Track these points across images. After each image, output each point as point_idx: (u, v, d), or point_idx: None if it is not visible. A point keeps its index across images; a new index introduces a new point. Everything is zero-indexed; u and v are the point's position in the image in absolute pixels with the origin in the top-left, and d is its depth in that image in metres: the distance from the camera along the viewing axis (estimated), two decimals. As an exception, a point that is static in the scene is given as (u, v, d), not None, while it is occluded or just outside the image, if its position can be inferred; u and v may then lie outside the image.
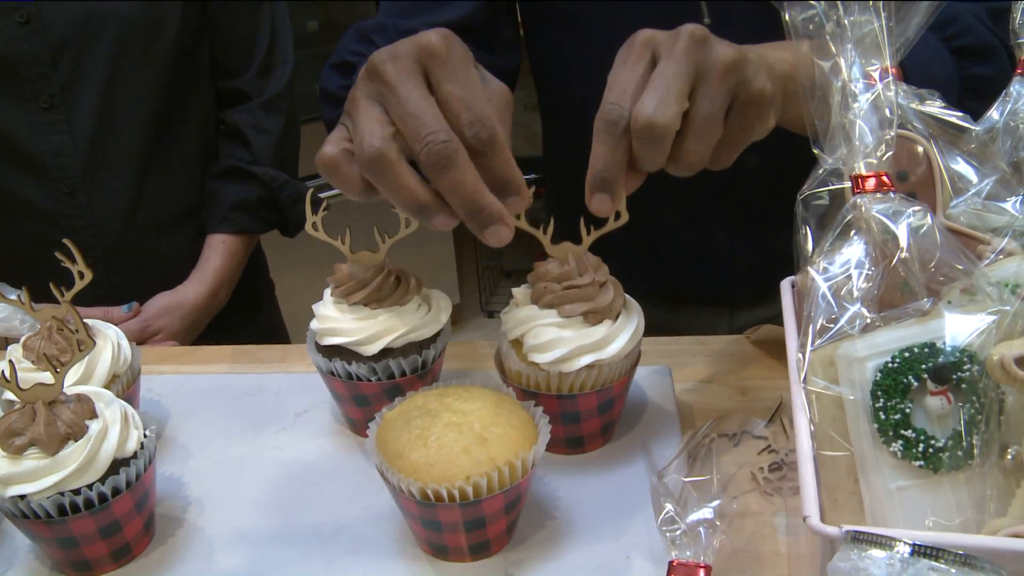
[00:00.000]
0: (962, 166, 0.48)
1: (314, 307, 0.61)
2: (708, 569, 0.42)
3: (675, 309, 0.89)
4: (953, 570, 0.30)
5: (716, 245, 0.85)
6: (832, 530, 0.34)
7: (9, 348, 0.61)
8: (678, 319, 0.89)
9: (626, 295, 0.58)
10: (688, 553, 0.42)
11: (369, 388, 0.59)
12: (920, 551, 0.30)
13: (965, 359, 0.39)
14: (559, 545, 0.52)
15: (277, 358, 0.76)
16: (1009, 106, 0.49)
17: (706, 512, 0.43)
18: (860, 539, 0.31)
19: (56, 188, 0.91)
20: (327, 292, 0.61)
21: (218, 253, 0.99)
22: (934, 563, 0.30)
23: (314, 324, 0.60)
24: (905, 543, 0.31)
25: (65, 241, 0.58)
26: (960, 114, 0.49)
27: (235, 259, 1.00)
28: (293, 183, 1.04)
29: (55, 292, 0.58)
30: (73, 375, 0.58)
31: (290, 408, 0.67)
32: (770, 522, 0.55)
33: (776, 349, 0.75)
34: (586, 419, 0.57)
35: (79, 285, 0.58)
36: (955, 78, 0.65)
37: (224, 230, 1.00)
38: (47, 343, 0.58)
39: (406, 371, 0.58)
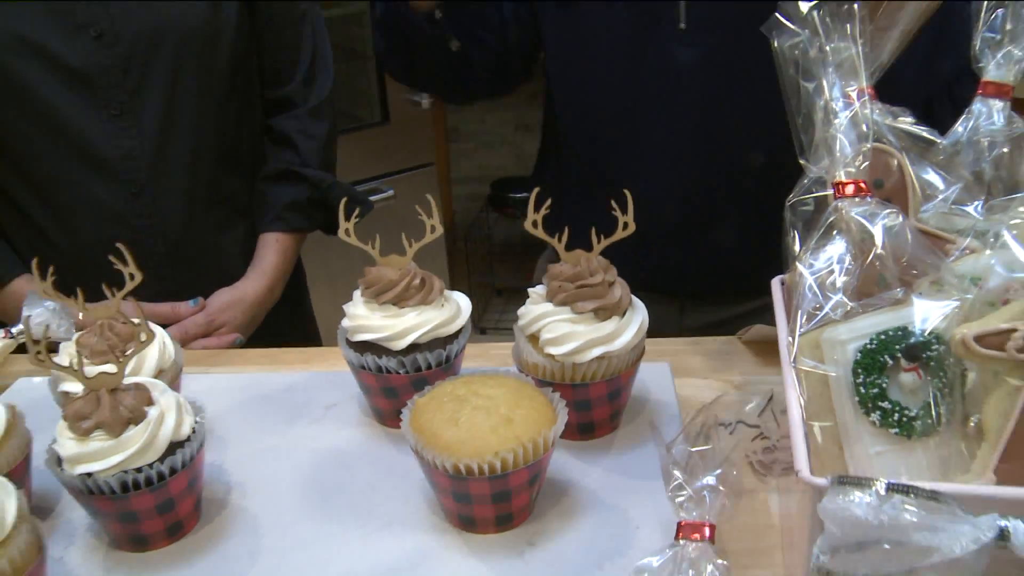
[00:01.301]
0: (931, 175, 0.55)
1: (345, 307, 0.67)
2: (712, 527, 0.48)
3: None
4: (920, 504, 0.36)
5: (677, 242, 0.92)
6: (820, 480, 0.40)
7: (62, 345, 0.67)
8: None
9: (632, 296, 0.65)
10: (694, 514, 0.48)
11: (398, 380, 0.65)
12: (894, 488, 0.37)
13: (933, 340, 0.46)
14: (575, 519, 0.58)
15: (301, 360, 0.82)
16: (971, 123, 0.56)
17: (710, 479, 0.49)
18: (844, 482, 0.38)
19: (124, 189, 0.98)
20: (357, 293, 0.67)
21: (273, 250, 1.05)
22: (905, 498, 0.36)
23: (345, 322, 0.66)
24: (881, 482, 0.37)
25: (119, 244, 0.64)
26: (928, 129, 0.56)
27: (288, 256, 1.07)
28: (340, 184, 1.11)
29: (107, 292, 0.64)
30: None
31: (319, 403, 0.73)
32: (763, 498, 0.61)
33: (765, 348, 0.82)
34: (596, 407, 0.64)
35: (129, 286, 0.64)
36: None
37: (278, 228, 1.06)
38: (100, 340, 0.64)
39: (432, 364, 0.65)
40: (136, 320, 0.59)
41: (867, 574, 0.38)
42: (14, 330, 0.83)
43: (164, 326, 0.78)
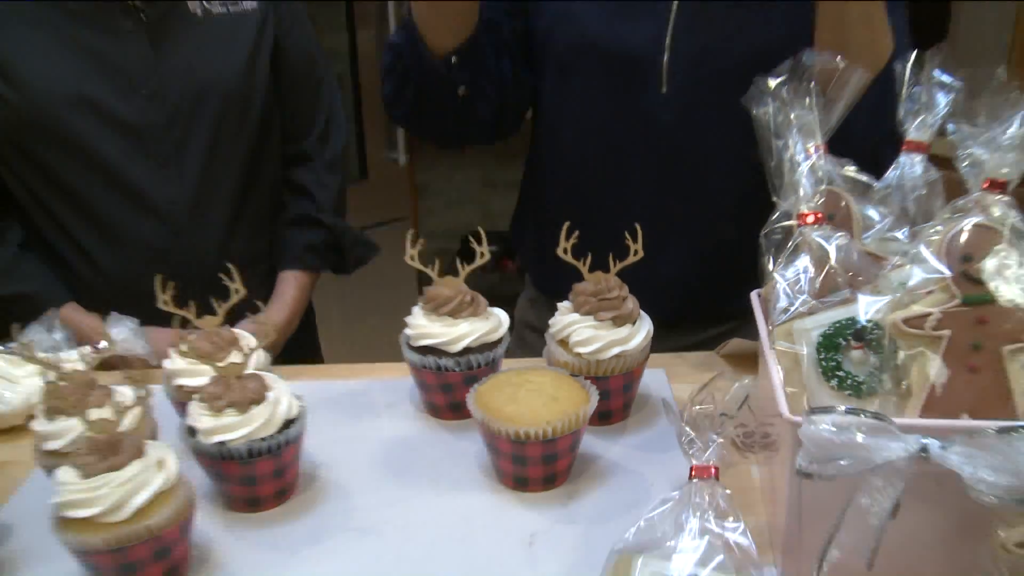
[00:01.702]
0: (870, 210, 0.74)
1: (408, 320, 0.83)
2: (717, 469, 0.64)
3: None
4: (867, 423, 0.53)
5: (654, 278, 1.00)
6: (797, 417, 0.57)
7: (172, 352, 0.81)
8: None
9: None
10: (703, 458, 0.64)
11: (453, 377, 0.81)
12: (849, 411, 0.54)
13: (873, 326, 0.64)
14: (602, 480, 0.74)
15: (347, 373, 0.97)
16: (899, 171, 0.75)
17: (713, 435, 0.66)
18: (815, 411, 0.55)
19: (167, 230, 1.13)
20: (416, 308, 0.83)
21: (292, 286, 1.21)
22: (856, 418, 0.53)
23: (408, 331, 0.82)
24: (841, 407, 0.54)
25: (229, 265, 0.79)
26: (868, 176, 0.75)
27: (305, 292, 1.23)
28: (352, 230, 1.28)
29: (216, 306, 0.79)
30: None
31: (379, 403, 0.88)
32: (746, 469, 0.78)
33: (739, 360, 0.99)
34: (614, 397, 0.80)
35: (234, 298, 0.79)
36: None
37: (297, 267, 1.22)
38: (208, 344, 0.78)
39: (481, 364, 0.81)
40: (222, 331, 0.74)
41: (833, 474, 0.55)
42: (100, 346, 0.97)
43: None
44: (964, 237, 0.63)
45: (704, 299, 1.08)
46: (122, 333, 0.96)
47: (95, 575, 0.62)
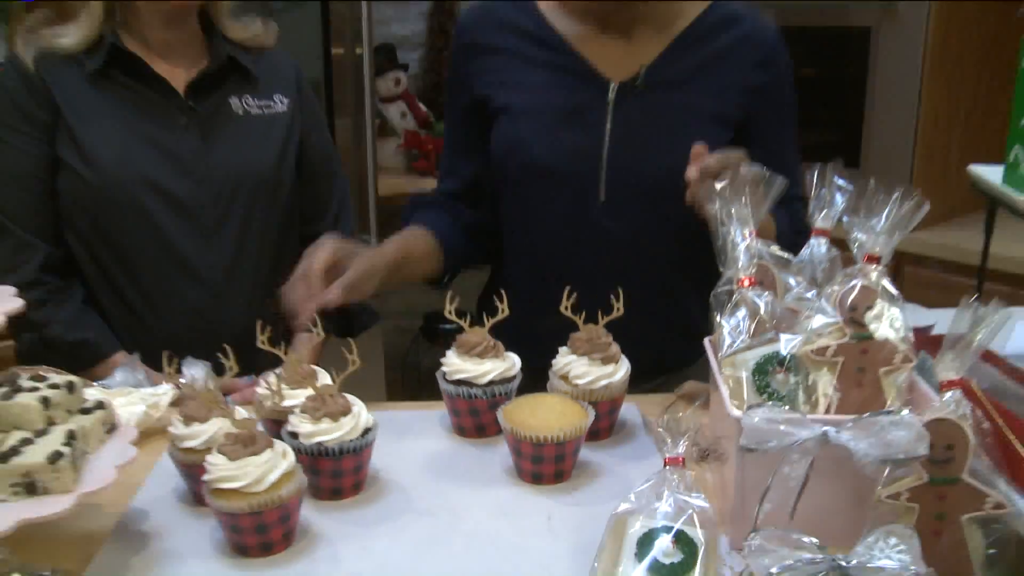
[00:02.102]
0: (790, 279, 1.03)
1: (443, 360, 1.09)
2: (684, 459, 0.90)
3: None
4: (785, 415, 0.81)
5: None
6: (738, 412, 0.84)
7: (266, 376, 1.05)
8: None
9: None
10: (674, 452, 0.91)
11: (480, 404, 1.06)
12: (774, 407, 0.81)
13: (791, 356, 0.92)
14: (597, 477, 1.00)
15: (378, 407, 1.22)
16: (809, 251, 1.05)
17: (683, 439, 0.92)
18: (751, 408, 0.82)
19: (206, 292, 1.36)
20: (451, 351, 1.09)
21: (305, 347, 1.42)
22: (779, 412, 0.81)
23: (445, 368, 1.08)
24: (767, 404, 0.81)
25: (326, 310, 1.04)
26: (788, 254, 1.04)
27: (316, 352, 1.43)
28: (360, 301, 1.53)
29: (282, 354, 1.04)
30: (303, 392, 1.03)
31: (415, 426, 1.13)
32: (702, 475, 1.04)
33: (692, 399, 1.26)
34: (601, 418, 1.07)
35: (315, 340, 1.04)
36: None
37: (309, 331, 1.46)
38: (297, 373, 1.03)
39: (502, 393, 1.07)
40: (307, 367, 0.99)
41: (764, 450, 0.82)
42: (182, 381, 1.20)
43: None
44: (851, 295, 0.92)
45: (656, 356, 1.29)
46: (199, 373, 1.19)
47: (237, 533, 0.85)
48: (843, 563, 0.70)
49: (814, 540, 0.72)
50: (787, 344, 0.93)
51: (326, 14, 3.15)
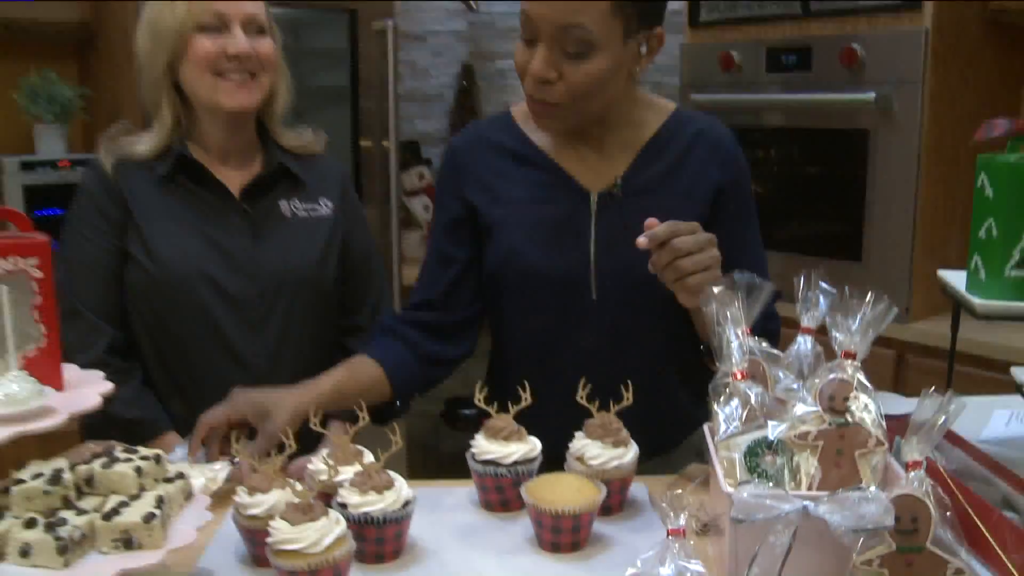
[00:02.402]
0: (779, 372, 1.18)
1: (472, 443, 1.23)
2: (685, 531, 1.04)
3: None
4: (770, 490, 0.94)
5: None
6: (730, 489, 0.98)
7: (317, 454, 1.20)
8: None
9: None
10: (676, 524, 1.04)
11: (506, 481, 1.20)
12: (759, 484, 0.95)
13: (778, 441, 1.06)
14: (610, 547, 1.13)
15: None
16: (796, 347, 1.20)
17: (683, 511, 1.06)
18: (741, 484, 0.96)
19: (250, 377, 1.49)
20: (479, 435, 1.24)
21: (338, 432, 1.57)
22: (765, 489, 0.94)
23: (474, 450, 1.23)
24: (755, 482, 0.95)
25: (362, 403, 1.20)
26: (777, 351, 1.19)
27: (349, 435, 1.59)
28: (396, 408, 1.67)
29: (331, 435, 1.19)
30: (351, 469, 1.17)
31: (446, 501, 1.27)
32: (704, 546, 1.18)
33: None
34: (612, 495, 1.21)
35: (361, 424, 1.19)
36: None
37: (345, 418, 1.60)
38: (344, 453, 1.18)
39: (525, 472, 1.21)
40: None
41: (752, 521, 0.95)
42: (235, 461, 1.34)
43: None
44: (830, 388, 1.07)
45: (645, 439, 1.34)
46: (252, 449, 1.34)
47: (296, 589, 0.99)
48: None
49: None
50: (774, 430, 1.07)
51: (356, 111, 3.39)
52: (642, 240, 1.23)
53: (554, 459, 1.26)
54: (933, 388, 0.98)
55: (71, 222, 1.54)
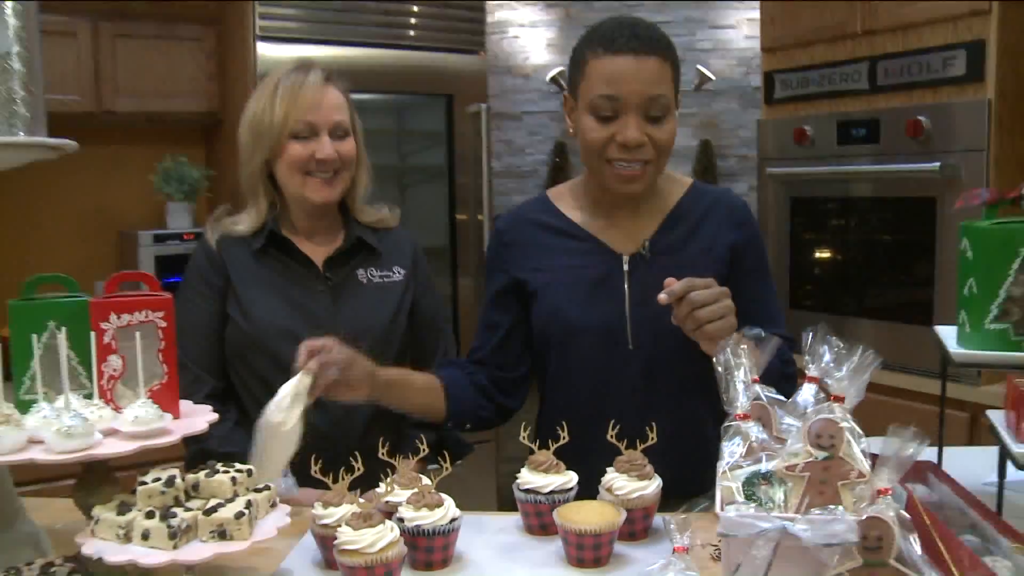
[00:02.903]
0: (785, 416, 1.34)
1: (518, 476, 1.44)
2: (687, 548, 1.21)
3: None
4: (753, 513, 1.11)
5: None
6: (720, 510, 1.15)
7: (386, 485, 1.43)
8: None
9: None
10: (681, 542, 1.21)
11: (544, 508, 1.40)
12: (743, 505, 1.12)
13: (772, 471, 1.23)
14: (626, 565, 1.32)
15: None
16: (800, 394, 1.36)
17: (688, 532, 1.23)
18: (727, 506, 1.13)
19: (329, 419, 1.69)
20: (524, 469, 1.45)
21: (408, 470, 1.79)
22: (748, 509, 1.12)
23: (519, 481, 1.43)
24: (742, 503, 1.12)
25: (420, 441, 1.43)
26: (782, 397, 1.36)
27: (421, 466, 1.78)
28: (455, 435, 1.88)
29: (397, 463, 1.42)
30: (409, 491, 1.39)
31: (492, 527, 1.48)
32: (717, 572, 1.34)
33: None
34: (637, 522, 1.39)
35: (417, 465, 1.42)
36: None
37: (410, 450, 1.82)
38: (403, 479, 1.40)
39: (560, 500, 1.41)
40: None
41: (739, 536, 1.13)
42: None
43: None
44: (817, 426, 1.24)
45: (679, 479, 1.49)
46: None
47: (355, 583, 1.22)
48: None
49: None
50: (768, 463, 1.24)
51: (452, 186, 3.70)
52: (662, 297, 1.43)
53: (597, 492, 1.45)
54: (898, 426, 1.14)
55: (182, 288, 1.85)
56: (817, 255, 3.24)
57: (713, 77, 3.92)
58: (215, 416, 1.35)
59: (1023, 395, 1.23)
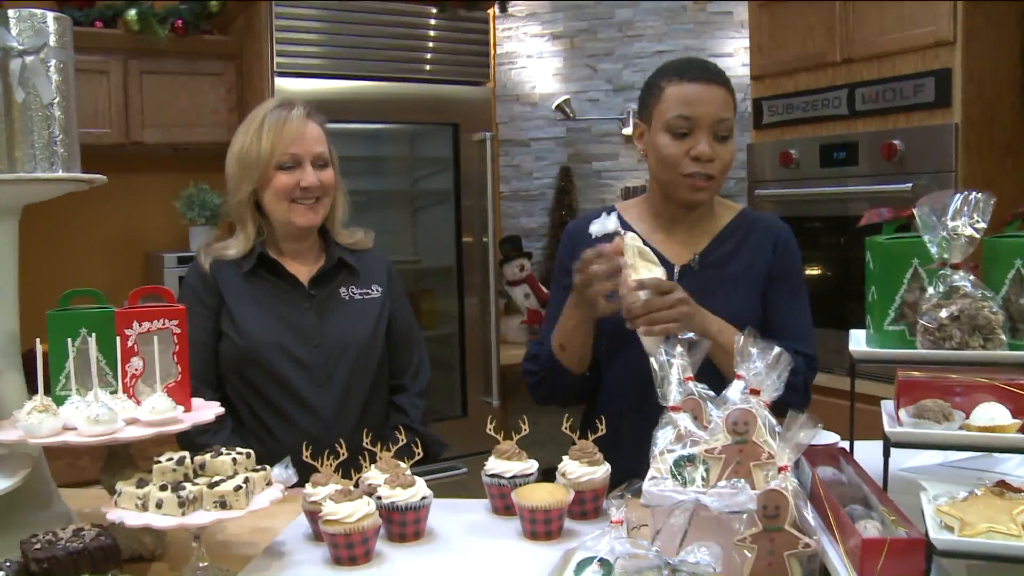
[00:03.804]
0: (714, 409, 1.56)
1: (486, 463, 1.66)
2: (622, 521, 1.42)
3: None
4: (673, 487, 1.33)
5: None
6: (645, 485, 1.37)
7: (369, 474, 1.66)
8: None
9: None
10: (617, 515, 1.43)
11: (507, 490, 1.61)
12: (662, 481, 1.34)
13: (695, 455, 1.44)
14: (575, 536, 1.53)
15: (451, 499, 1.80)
16: (731, 389, 1.57)
17: (624, 507, 1.44)
18: (649, 480, 1.35)
19: (320, 424, 1.95)
20: (491, 457, 1.67)
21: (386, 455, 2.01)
22: (667, 483, 1.33)
23: (487, 468, 1.66)
24: (666, 480, 1.34)
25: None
26: (711, 392, 1.57)
27: (390, 453, 1.98)
28: (432, 435, 2.10)
29: (380, 453, 1.65)
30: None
31: (464, 509, 1.70)
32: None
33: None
34: (586, 503, 1.60)
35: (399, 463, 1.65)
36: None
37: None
38: (387, 464, 1.63)
39: (520, 483, 1.63)
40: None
41: (662, 505, 1.34)
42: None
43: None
44: (734, 415, 1.45)
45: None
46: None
47: (335, 548, 1.43)
48: (669, 561, 1.22)
49: (655, 548, 1.24)
50: (692, 448, 1.46)
51: (459, 210, 3.95)
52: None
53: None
54: (795, 413, 1.35)
55: None
56: (807, 272, 3.44)
57: (710, 103, 4.15)
58: (222, 410, 1.59)
59: (905, 384, 1.43)
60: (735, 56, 4.25)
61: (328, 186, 2.05)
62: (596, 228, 1.72)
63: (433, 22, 3.81)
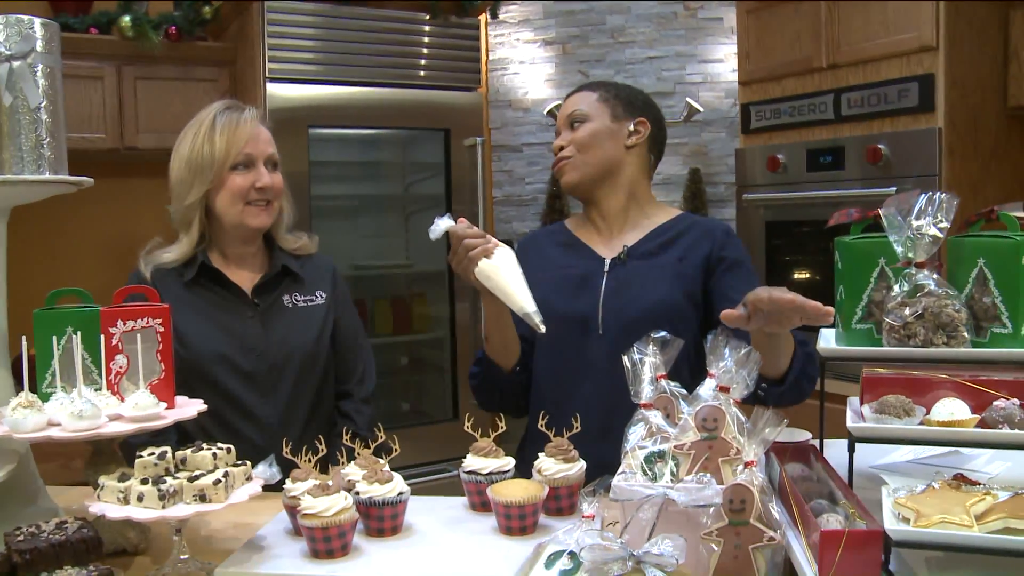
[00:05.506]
0: (685, 406, 1.59)
1: (464, 461, 1.70)
2: (592, 516, 1.46)
3: None
4: (643, 482, 1.36)
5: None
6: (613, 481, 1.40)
7: (348, 469, 1.69)
8: None
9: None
10: (590, 510, 1.46)
11: (483, 487, 1.65)
12: (631, 475, 1.37)
13: (665, 451, 1.48)
14: (550, 531, 1.56)
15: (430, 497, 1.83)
16: (703, 387, 1.61)
17: (596, 502, 1.48)
18: (618, 475, 1.38)
19: (265, 434, 1.97)
20: (469, 454, 1.71)
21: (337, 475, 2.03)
22: (637, 478, 1.36)
23: (464, 465, 1.69)
24: (636, 475, 1.37)
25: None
26: (683, 391, 1.61)
27: (369, 450, 2.03)
28: (383, 442, 2.14)
29: (359, 449, 1.69)
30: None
31: (442, 505, 1.73)
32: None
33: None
34: (562, 499, 1.64)
35: (383, 459, 1.69)
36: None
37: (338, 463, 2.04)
38: (365, 460, 1.67)
39: (497, 479, 1.66)
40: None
41: (632, 499, 1.37)
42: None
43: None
44: (704, 412, 1.48)
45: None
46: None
47: (313, 541, 1.47)
48: (634, 552, 1.25)
49: (622, 540, 1.28)
50: (663, 444, 1.49)
51: (450, 214, 3.98)
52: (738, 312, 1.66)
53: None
54: (760, 410, 1.39)
55: None
56: (796, 276, 3.47)
57: (701, 109, 4.19)
58: (205, 407, 1.62)
59: (869, 380, 1.47)
60: (725, 62, 4.29)
61: (279, 189, 2.08)
62: (434, 233, 1.81)
63: (425, 28, 3.86)
